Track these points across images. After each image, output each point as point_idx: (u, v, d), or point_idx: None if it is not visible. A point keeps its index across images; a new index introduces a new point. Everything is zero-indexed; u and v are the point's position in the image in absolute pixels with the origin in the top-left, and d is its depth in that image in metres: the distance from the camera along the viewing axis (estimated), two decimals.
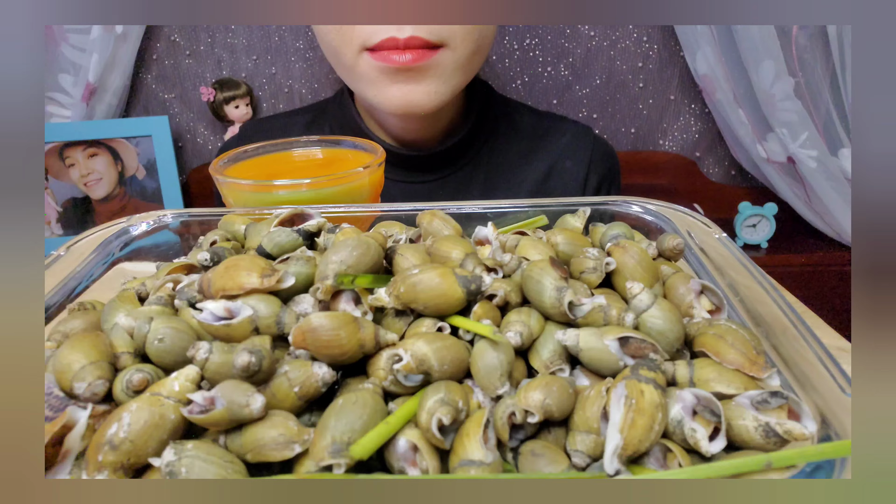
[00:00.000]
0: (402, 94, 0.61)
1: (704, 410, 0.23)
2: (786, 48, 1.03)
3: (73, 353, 0.24)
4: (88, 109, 1.08)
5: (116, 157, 1.11)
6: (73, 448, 0.22)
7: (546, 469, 0.22)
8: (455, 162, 0.73)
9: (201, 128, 1.19)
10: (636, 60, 1.16)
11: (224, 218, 0.40)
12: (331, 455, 0.21)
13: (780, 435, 0.22)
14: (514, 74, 1.17)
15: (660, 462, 0.22)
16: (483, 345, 0.24)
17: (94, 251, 0.38)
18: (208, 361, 0.23)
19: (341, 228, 0.34)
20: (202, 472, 0.20)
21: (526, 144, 0.76)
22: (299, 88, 1.17)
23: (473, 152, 0.74)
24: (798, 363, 0.25)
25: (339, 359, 0.24)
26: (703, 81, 1.09)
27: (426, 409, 0.22)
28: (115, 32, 1.03)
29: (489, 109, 0.75)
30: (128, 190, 1.13)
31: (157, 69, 1.14)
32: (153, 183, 1.13)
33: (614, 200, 0.41)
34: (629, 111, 1.20)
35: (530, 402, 0.22)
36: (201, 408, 0.22)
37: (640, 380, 0.22)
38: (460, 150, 0.73)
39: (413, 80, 0.61)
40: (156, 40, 1.12)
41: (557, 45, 1.15)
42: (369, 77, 0.62)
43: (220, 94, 1.11)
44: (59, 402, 0.24)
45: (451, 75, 0.63)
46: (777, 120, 1.05)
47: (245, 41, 1.14)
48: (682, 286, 0.30)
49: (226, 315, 0.26)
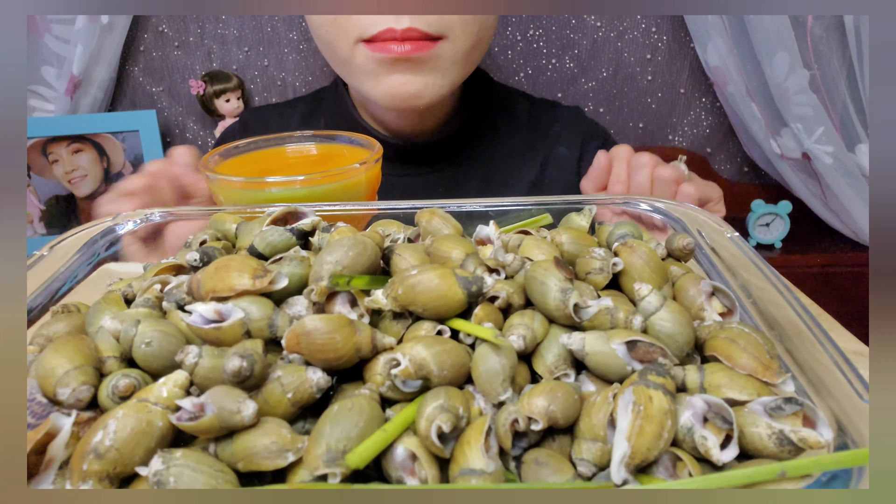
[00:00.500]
0: (399, 85, 0.62)
1: (716, 417, 0.23)
2: (801, 39, 1.03)
3: (57, 358, 0.24)
4: (73, 103, 1.08)
5: (102, 153, 1.11)
6: (56, 456, 0.22)
7: (550, 478, 0.22)
8: (452, 153, 0.74)
9: (190, 122, 1.19)
10: (644, 52, 1.16)
11: (214, 216, 0.40)
12: (325, 464, 0.20)
13: (794, 443, 0.22)
14: (517, 67, 1.17)
15: (669, 471, 0.22)
16: (484, 349, 0.24)
17: (79, 251, 0.38)
18: (198, 366, 0.23)
19: (336, 227, 0.34)
20: (191, 482, 0.20)
21: (523, 134, 0.77)
22: (293, 81, 1.17)
23: (470, 143, 0.75)
24: (813, 368, 0.25)
25: (335, 363, 0.24)
26: (715, 74, 1.09)
27: (425, 416, 0.22)
28: (100, 23, 1.03)
29: (486, 99, 0.75)
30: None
31: (145, 61, 1.15)
32: None
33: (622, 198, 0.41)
34: (637, 105, 1.20)
35: (534, 409, 0.22)
36: (190, 415, 0.22)
37: (649, 385, 0.22)
38: (457, 141, 0.74)
39: (411, 70, 0.61)
40: (143, 31, 1.12)
41: (562, 36, 1.15)
42: (366, 69, 0.62)
43: (211, 87, 1.11)
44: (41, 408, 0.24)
45: (450, 69, 0.63)
46: (791, 114, 1.05)
47: (236, 32, 1.14)
48: (692, 288, 0.30)
49: (216, 318, 0.26)
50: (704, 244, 0.36)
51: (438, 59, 0.62)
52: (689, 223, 0.38)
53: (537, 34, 1.15)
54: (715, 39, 1.06)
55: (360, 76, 0.64)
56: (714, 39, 1.06)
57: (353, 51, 0.62)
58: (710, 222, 0.38)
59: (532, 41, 1.15)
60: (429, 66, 0.62)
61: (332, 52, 0.65)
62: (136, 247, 0.41)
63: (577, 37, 1.15)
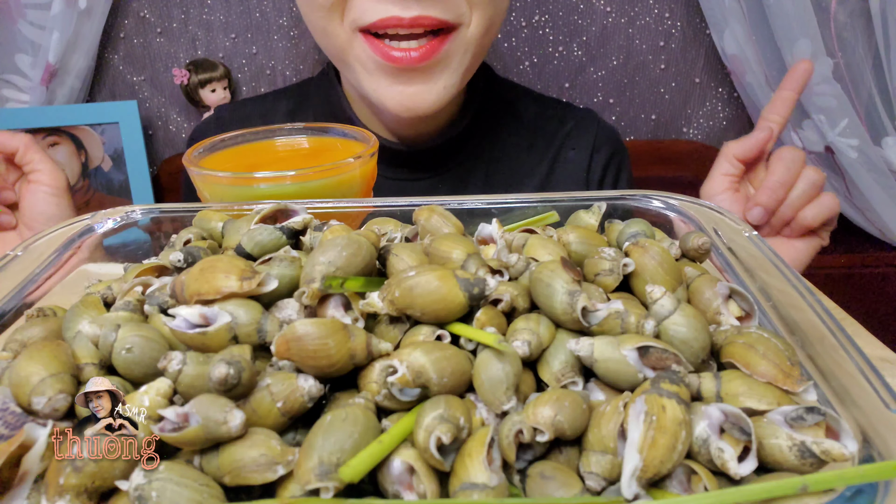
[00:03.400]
0: (405, 98, 0.59)
1: (733, 428, 0.23)
2: (823, 25, 1.03)
3: (32, 365, 0.24)
4: (48, 93, 1.08)
5: (79, 147, 1.11)
6: (31, 470, 0.22)
7: (557, 493, 0.22)
8: (454, 157, 0.72)
9: (174, 114, 1.19)
10: (657, 39, 1.16)
11: (199, 214, 0.40)
12: (318, 477, 0.21)
13: (816, 455, 0.22)
14: (522, 55, 1.17)
15: (683, 485, 0.22)
16: (487, 355, 0.24)
17: (55, 251, 0.38)
18: (181, 374, 0.23)
19: (329, 226, 0.34)
20: (175, 497, 0.20)
21: (528, 136, 0.76)
22: (283, 70, 1.17)
23: (473, 146, 0.73)
24: (837, 375, 0.25)
25: (327, 371, 0.24)
26: (732, 62, 1.09)
27: (424, 427, 0.22)
28: (77, 8, 1.03)
29: (490, 98, 0.74)
30: (92, 183, 1.13)
31: (125, 49, 1.15)
32: (120, 175, 1.13)
33: (632, 195, 0.41)
34: (649, 96, 1.20)
35: (539, 419, 0.22)
36: (174, 425, 0.22)
37: (662, 394, 0.22)
38: (460, 144, 0.72)
39: (419, 79, 0.58)
40: (123, 16, 1.12)
41: (570, 22, 1.15)
42: (365, 66, 0.59)
43: (195, 76, 1.12)
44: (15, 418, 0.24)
45: (462, 60, 0.60)
46: (814, 105, 1.05)
47: (222, 17, 1.14)
48: (707, 290, 0.30)
49: (201, 322, 0.26)
50: (721, 244, 0.36)
51: (449, 55, 0.58)
52: (704, 221, 0.38)
53: (543, 20, 1.15)
54: (732, 25, 1.06)
55: (358, 73, 0.61)
56: (731, 25, 1.06)
57: (352, 41, 0.59)
58: (727, 220, 0.38)
59: (537, 27, 1.15)
60: (440, 68, 0.59)
61: (327, 41, 0.61)
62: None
63: (585, 22, 1.15)
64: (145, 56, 1.15)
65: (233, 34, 1.15)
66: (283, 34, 1.15)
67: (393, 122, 0.70)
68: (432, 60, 0.57)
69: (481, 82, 0.72)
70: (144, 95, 1.18)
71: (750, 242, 0.35)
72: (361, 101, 0.70)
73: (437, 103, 0.60)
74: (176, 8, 1.13)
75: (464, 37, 0.59)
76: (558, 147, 0.76)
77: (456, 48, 0.59)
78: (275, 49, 1.16)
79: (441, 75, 0.59)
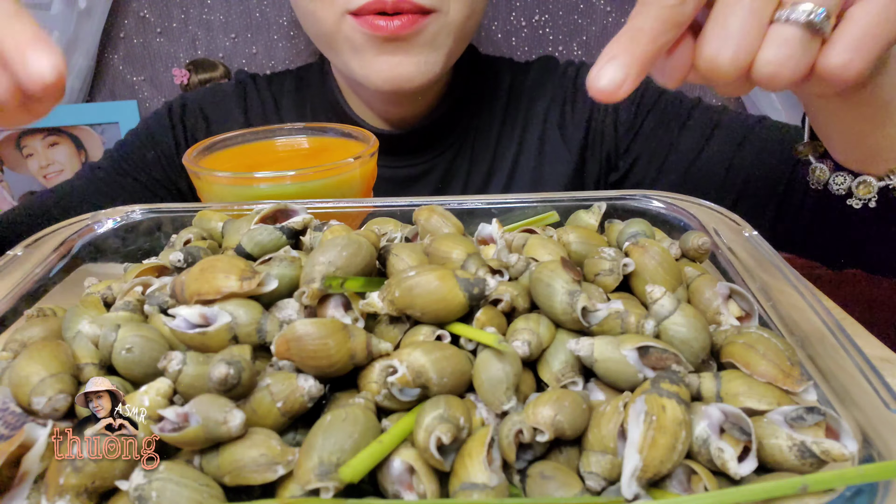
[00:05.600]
0: (389, 68, 0.61)
1: (733, 428, 0.23)
2: None
3: (32, 365, 0.24)
4: None
5: (79, 147, 1.11)
6: (31, 470, 0.22)
7: (557, 493, 0.22)
8: (446, 138, 0.74)
9: None
10: None
11: (199, 214, 0.40)
12: (318, 478, 0.21)
13: (816, 455, 0.22)
14: (522, 54, 1.17)
15: (683, 485, 0.22)
16: (487, 355, 0.24)
17: (55, 251, 0.38)
18: (181, 374, 0.23)
19: (329, 226, 0.34)
20: (175, 497, 0.20)
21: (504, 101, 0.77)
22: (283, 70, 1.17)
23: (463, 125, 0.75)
24: (837, 375, 0.25)
25: (327, 371, 0.24)
26: None
27: (424, 427, 0.22)
28: (77, 8, 1.03)
29: (472, 76, 0.75)
30: None
31: (125, 49, 1.15)
32: None
33: (632, 195, 0.41)
34: None
35: (539, 419, 0.22)
36: (174, 425, 0.22)
37: (662, 394, 0.22)
38: (451, 124, 0.74)
39: (402, 50, 0.61)
40: (123, 16, 1.12)
41: (569, 22, 1.15)
42: (353, 43, 0.62)
43: (195, 76, 1.11)
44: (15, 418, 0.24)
45: (444, 43, 0.63)
46: None
47: (222, 17, 1.14)
48: (708, 290, 0.30)
49: (201, 322, 0.26)
50: (721, 243, 0.36)
51: (431, 34, 0.61)
52: (704, 221, 0.38)
53: (543, 19, 1.15)
54: None
55: (347, 53, 0.63)
56: None
57: (340, 23, 0.61)
58: (727, 220, 0.38)
59: (538, 27, 1.15)
60: (421, 42, 0.61)
61: (317, 27, 0.64)
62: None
63: (585, 22, 1.15)
64: (145, 56, 1.15)
65: (233, 34, 1.15)
66: (283, 34, 1.15)
67: (380, 103, 0.71)
68: (413, 31, 0.60)
69: (466, 64, 0.74)
70: (144, 95, 1.18)
71: (750, 242, 0.35)
72: (351, 89, 0.73)
73: (419, 77, 0.63)
74: (176, 8, 1.13)
75: (444, 20, 0.62)
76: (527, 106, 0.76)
77: (438, 28, 0.62)
78: (275, 49, 1.16)
79: (422, 50, 0.62)
